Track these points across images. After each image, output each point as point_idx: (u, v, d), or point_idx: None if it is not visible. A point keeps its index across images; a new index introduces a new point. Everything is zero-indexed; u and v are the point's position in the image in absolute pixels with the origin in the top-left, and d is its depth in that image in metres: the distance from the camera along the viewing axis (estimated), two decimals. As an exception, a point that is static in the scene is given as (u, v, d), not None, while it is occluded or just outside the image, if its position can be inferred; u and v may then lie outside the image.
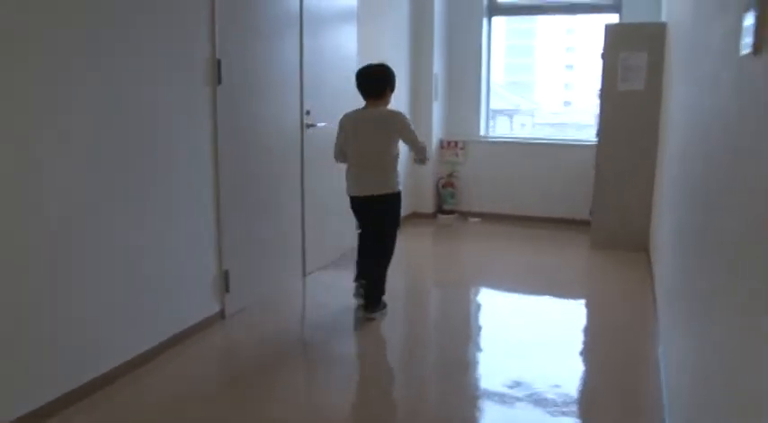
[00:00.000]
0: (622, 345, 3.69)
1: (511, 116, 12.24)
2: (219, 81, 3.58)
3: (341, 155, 3.99)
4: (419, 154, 4.01)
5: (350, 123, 3.90)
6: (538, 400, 2.94)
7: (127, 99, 3.00)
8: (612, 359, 3.51)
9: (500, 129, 8.04)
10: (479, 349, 3.69)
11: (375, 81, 3.86)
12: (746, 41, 1.58)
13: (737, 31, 1.70)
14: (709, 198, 2.12)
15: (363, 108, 3.93)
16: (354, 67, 5.17)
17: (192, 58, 3.40)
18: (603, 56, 5.42)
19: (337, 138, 3.98)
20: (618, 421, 2.83)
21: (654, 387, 3.09)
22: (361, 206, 3.94)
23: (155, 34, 3.14)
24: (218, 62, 3.56)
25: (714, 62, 2.19)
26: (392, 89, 3.92)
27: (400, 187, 3.94)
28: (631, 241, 5.49)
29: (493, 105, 7.16)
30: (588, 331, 4.03)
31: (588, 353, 3.67)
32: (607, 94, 5.47)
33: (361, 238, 4.13)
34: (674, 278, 3.10)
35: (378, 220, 3.92)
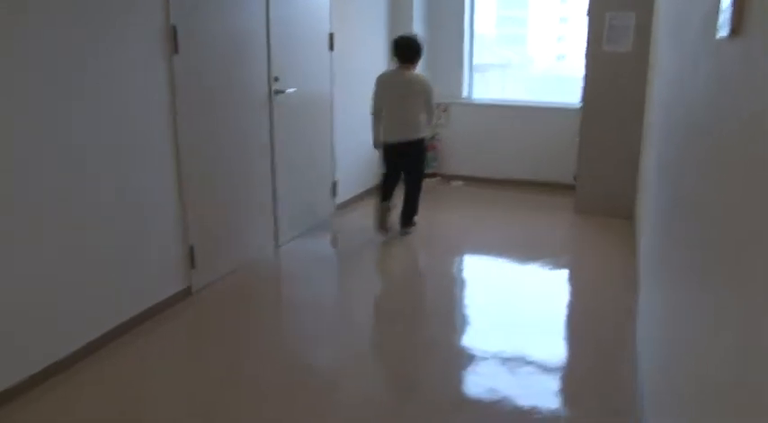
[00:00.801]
0: (601, 314, 3.63)
1: (502, 71, 11.92)
2: (176, 50, 3.37)
3: (379, 110, 4.70)
4: (429, 116, 4.75)
5: (387, 82, 4.68)
6: (518, 367, 2.99)
7: (71, 75, 2.80)
8: (591, 328, 3.47)
9: (491, 84, 7.79)
10: (462, 320, 3.62)
11: (414, 51, 4.66)
12: (723, 21, 1.42)
13: (716, 11, 1.53)
14: (688, 175, 1.99)
15: (396, 70, 4.71)
16: (326, 28, 4.95)
17: (143, 27, 3.18)
18: (589, 14, 5.19)
19: (375, 95, 4.72)
20: (593, 387, 2.80)
21: (630, 357, 3.08)
22: (394, 150, 4.74)
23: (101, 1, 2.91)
24: (174, 29, 3.34)
25: (695, 43, 2.03)
26: (420, 57, 4.74)
27: (425, 134, 4.75)
28: (616, 208, 5.36)
29: (483, 60, 6.92)
30: (569, 300, 3.97)
31: (567, 322, 3.63)
32: (592, 54, 5.25)
33: (386, 178, 4.89)
34: (654, 247, 3.00)
35: (411, 160, 4.79)
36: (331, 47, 5.02)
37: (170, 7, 3.29)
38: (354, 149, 5.66)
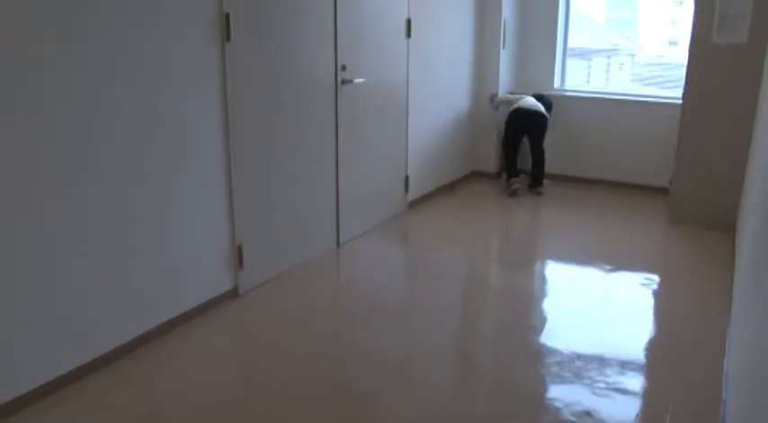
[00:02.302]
0: (689, 340, 3.28)
1: (609, 56, 11.20)
2: (228, 38, 3.20)
3: (504, 104, 5.93)
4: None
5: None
6: (597, 387, 2.83)
7: (116, 65, 2.69)
8: (676, 354, 3.16)
9: (594, 71, 7.31)
10: (539, 339, 3.28)
11: (547, 105, 5.85)
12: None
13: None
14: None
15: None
16: (404, 13, 4.65)
17: (192, 14, 3.02)
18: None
19: (507, 98, 5.94)
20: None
21: (716, 393, 2.77)
22: (523, 116, 5.65)
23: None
24: (227, 16, 3.17)
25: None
26: (550, 110, 5.91)
27: (548, 117, 5.74)
28: (715, 218, 4.81)
29: (589, 45, 6.44)
30: (653, 320, 3.58)
31: (651, 345, 3.26)
32: (698, 45, 4.69)
33: (508, 157, 5.81)
34: (753, 268, 2.59)
35: (536, 131, 5.73)
36: (408, 34, 4.74)
37: (224, -6, 3.13)
38: (429, 144, 5.37)
